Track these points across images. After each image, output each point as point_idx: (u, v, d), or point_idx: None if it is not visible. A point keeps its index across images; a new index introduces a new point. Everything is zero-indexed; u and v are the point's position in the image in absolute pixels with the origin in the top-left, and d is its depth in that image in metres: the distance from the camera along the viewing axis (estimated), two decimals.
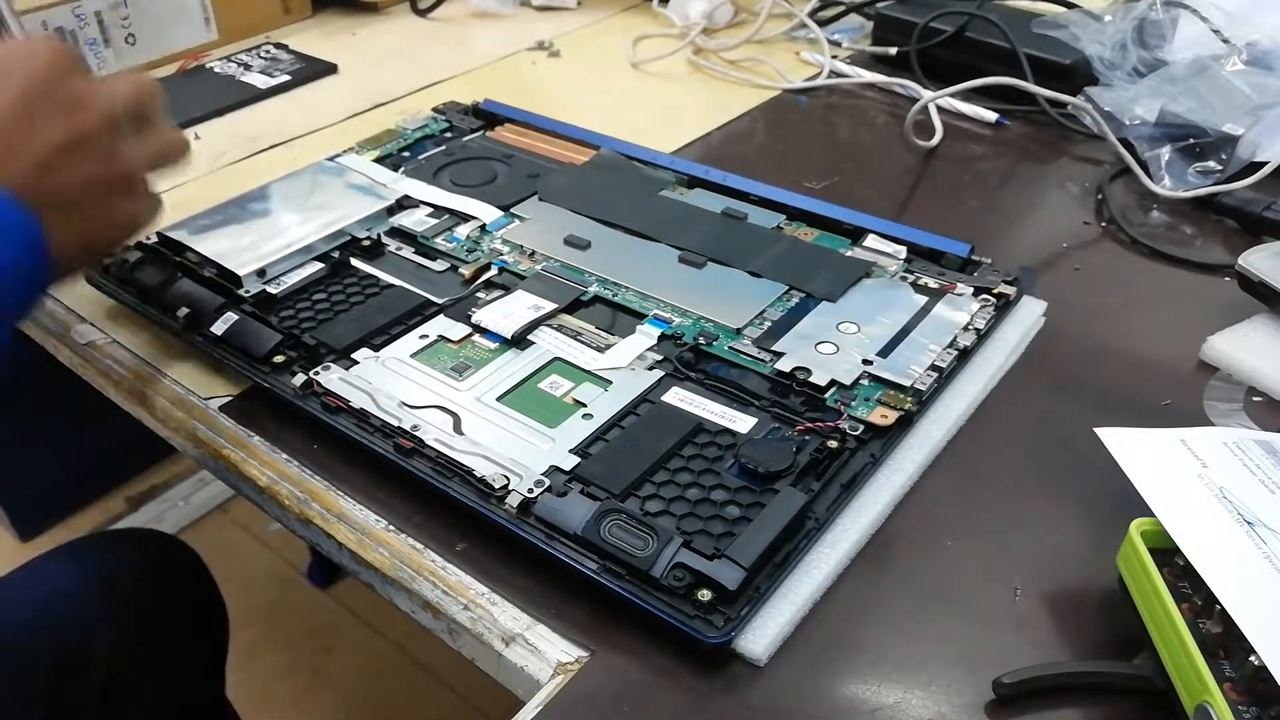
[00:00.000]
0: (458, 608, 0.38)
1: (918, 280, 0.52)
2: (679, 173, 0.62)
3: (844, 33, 0.87)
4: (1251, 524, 0.35)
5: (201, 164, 0.69)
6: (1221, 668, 0.32)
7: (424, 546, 0.40)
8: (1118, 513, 0.37)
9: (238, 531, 1.38)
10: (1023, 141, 0.71)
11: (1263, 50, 0.69)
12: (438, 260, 0.55)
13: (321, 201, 0.58)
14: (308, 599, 1.31)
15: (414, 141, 0.66)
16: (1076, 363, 0.50)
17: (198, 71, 0.82)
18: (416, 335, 0.49)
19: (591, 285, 0.52)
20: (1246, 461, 0.38)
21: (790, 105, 0.77)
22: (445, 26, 0.93)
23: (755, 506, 0.39)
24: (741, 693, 0.35)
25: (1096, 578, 0.39)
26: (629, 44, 0.86)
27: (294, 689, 1.21)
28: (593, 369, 0.47)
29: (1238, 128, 0.64)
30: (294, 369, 0.46)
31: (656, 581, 0.36)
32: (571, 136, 0.67)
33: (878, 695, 0.35)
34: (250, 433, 0.46)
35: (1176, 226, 0.62)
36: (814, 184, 0.66)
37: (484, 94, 0.72)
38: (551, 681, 0.36)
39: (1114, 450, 0.38)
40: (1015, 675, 0.34)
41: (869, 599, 0.38)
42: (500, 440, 0.43)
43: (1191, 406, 0.47)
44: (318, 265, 0.54)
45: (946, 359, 0.47)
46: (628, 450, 0.42)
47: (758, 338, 0.48)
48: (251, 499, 0.46)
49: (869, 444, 0.43)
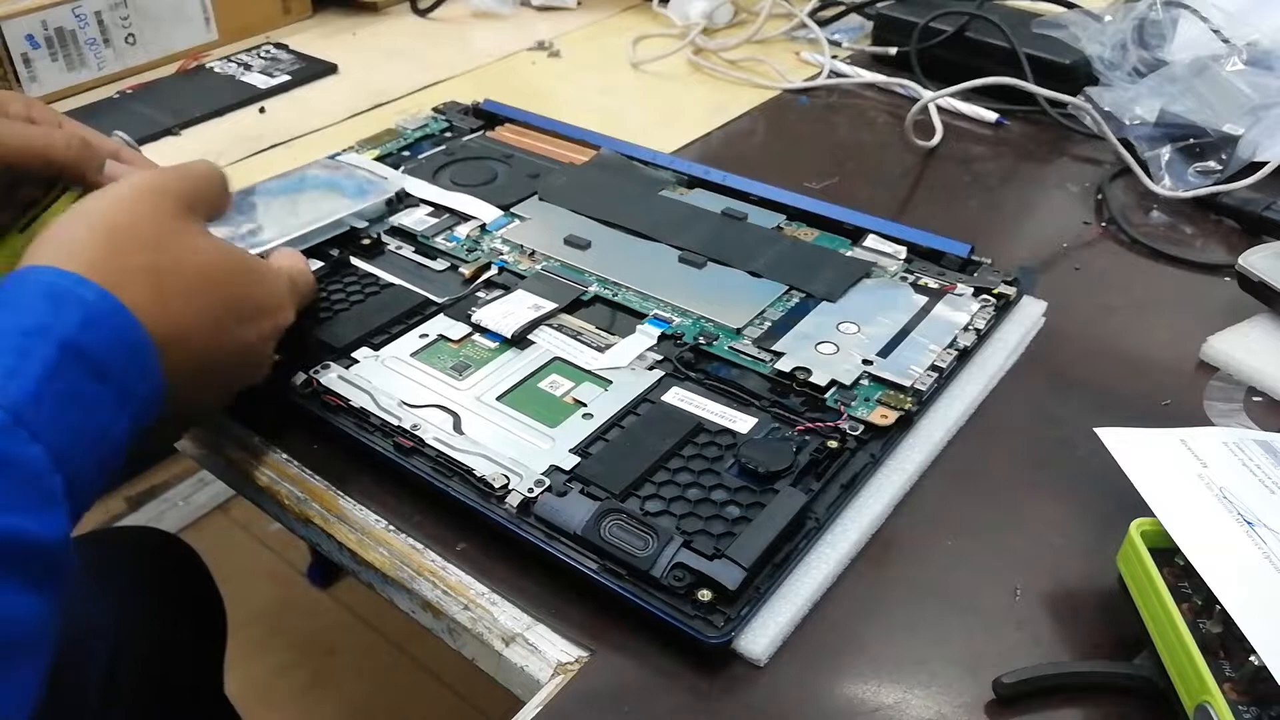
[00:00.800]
0: (458, 608, 0.38)
1: (918, 280, 0.52)
2: (679, 173, 0.62)
3: (844, 33, 0.87)
4: (1251, 524, 0.35)
5: None
6: (1221, 668, 0.32)
7: (424, 546, 0.40)
8: (1118, 513, 0.37)
9: (238, 531, 1.38)
10: (1023, 141, 0.71)
11: (1263, 50, 0.69)
12: (438, 259, 0.55)
13: (320, 196, 0.58)
14: (308, 599, 1.31)
15: (414, 141, 0.66)
16: (1076, 363, 0.50)
17: (198, 71, 0.82)
18: (416, 334, 0.49)
19: (591, 285, 0.52)
20: (1246, 461, 0.38)
21: (790, 105, 0.77)
22: (445, 26, 0.93)
23: (755, 506, 0.39)
24: (741, 693, 0.35)
25: (1096, 578, 0.39)
26: (629, 44, 0.86)
27: (294, 689, 1.21)
28: (593, 369, 0.47)
29: (1238, 128, 0.64)
30: (294, 368, 0.46)
31: (656, 581, 0.36)
32: (571, 136, 0.67)
33: (878, 695, 0.35)
34: (250, 432, 0.46)
35: (1176, 226, 0.62)
36: (814, 184, 0.66)
37: (484, 94, 0.72)
38: (551, 681, 0.36)
39: (1114, 450, 0.38)
40: (1015, 675, 0.34)
41: (869, 599, 0.38)
42: (500, 440, 0.43)
43: (1191, 406, 0.47)
44: (318, 264, 0.54)
45: (946, 359, 0.47)
46: (628, 450, 0.42)
47: (758, 338, 0.48)
48: (251, 499, 0.46)
49: (869, 444, 0.43)
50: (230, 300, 0.40)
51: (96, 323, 0.34)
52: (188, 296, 0.38)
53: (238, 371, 0.42)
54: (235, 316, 0.40)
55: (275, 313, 0.43)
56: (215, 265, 0.40)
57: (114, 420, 0.34)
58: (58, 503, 0.31)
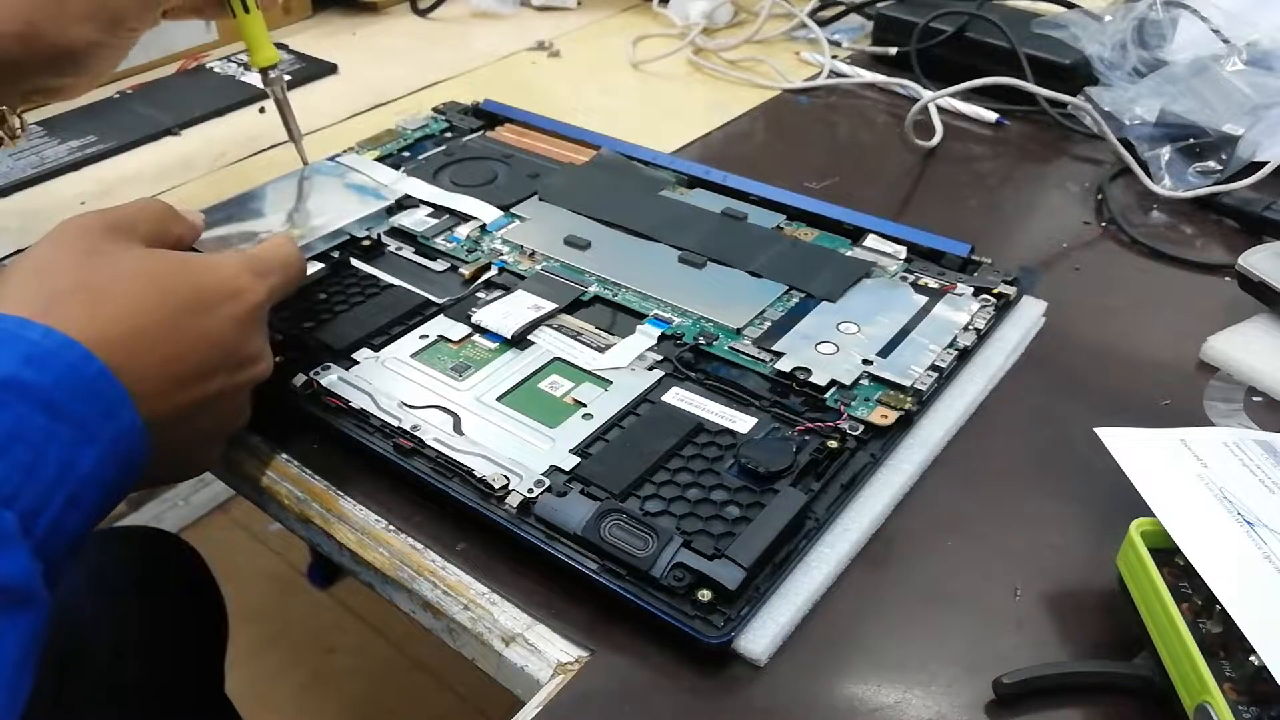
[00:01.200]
0: (458, 608, 0.38)
1: (918, 280, 0.52)
2: (679, 173, 0.62)
3: (844, 33, 0.87)
4: (1251, 524, 0.35)
5: (201, 164, 0.69)
6: (1221, 668, 0.32)
7: (424, 546, 0.40)
8: (1118, 513, 0.37)
9: (238, 531, 1.38)
10: (1023, 141, 0.71)
11: (1263, 50, 0.69)
12: (438, 260, 0.55)
13: (321, 202, 0.58)
14: (308, 599, 1.31)
15: (414, 141, 0.66)
16: (1076, 363, 0.50)
17: (198, 71, 0.82)
18: (416, 335, 0.49)
19: (591, 285, 0.52)
20: (1246, 461, 0.38)
21: (790, 105, 0.77)
22: (445, 26, 0.93)
23: (755, 506, 0.39)
24: (741, 693, 0.35)
25: (1096, 578, 0.39)
26: (629, 44, 0.86)
27: (294, 689, 1.21)
28: (593, 369, 0.47)
29: (1238, 128, 0.64)
30: (294, 369, 0.46)
31: (656, 581, 0.36)
32: (571, 136, 0.67)
33: (878, 695, 0.35)
34: (250, 432, 0.46)
35: (1176, 226, 0.62)
36: (814, 184, 0.66)
37: (484, 94, 0.72)
38: (551, 681, 0.36)
39: (1114, 450, 0.38)
40: (1015, 675, 0.34)
41: (869, 599, 0.38)
42: (500, 440, 0.43)
43: (1191, 406, 0.47)
44: (318, 265, 0.54)
45: (946, 359, 0.47)
46: (628, 450, 0.42)
47: (758, 338, 0.48)
48: (251, 499, 0.46)
49: (869, 444, 0.43)
50: (179, 299, 0.38)
51: (41, 359, 0.33)
52: (130, 306, 0.36)
53: (224, 368, 0.39)
54: (191, 311, 0.38)
55: (239, 295, 0.40)
56: (152, 271, 0.38)
57: (74, 454, 0.32)
58: (13, 540, 0.30)
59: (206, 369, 0.39)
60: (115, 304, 0.36)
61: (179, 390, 0.37)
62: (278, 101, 0.60)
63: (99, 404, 0.34)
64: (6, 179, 0.66)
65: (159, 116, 0.74)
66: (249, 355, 0.41)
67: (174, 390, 0.37)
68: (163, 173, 0.68)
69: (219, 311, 0.39)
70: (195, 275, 0.39)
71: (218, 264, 0.41)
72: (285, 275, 0.44)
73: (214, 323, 0.39)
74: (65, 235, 0.39)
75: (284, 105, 0.60)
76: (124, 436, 0.34)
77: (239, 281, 0.41)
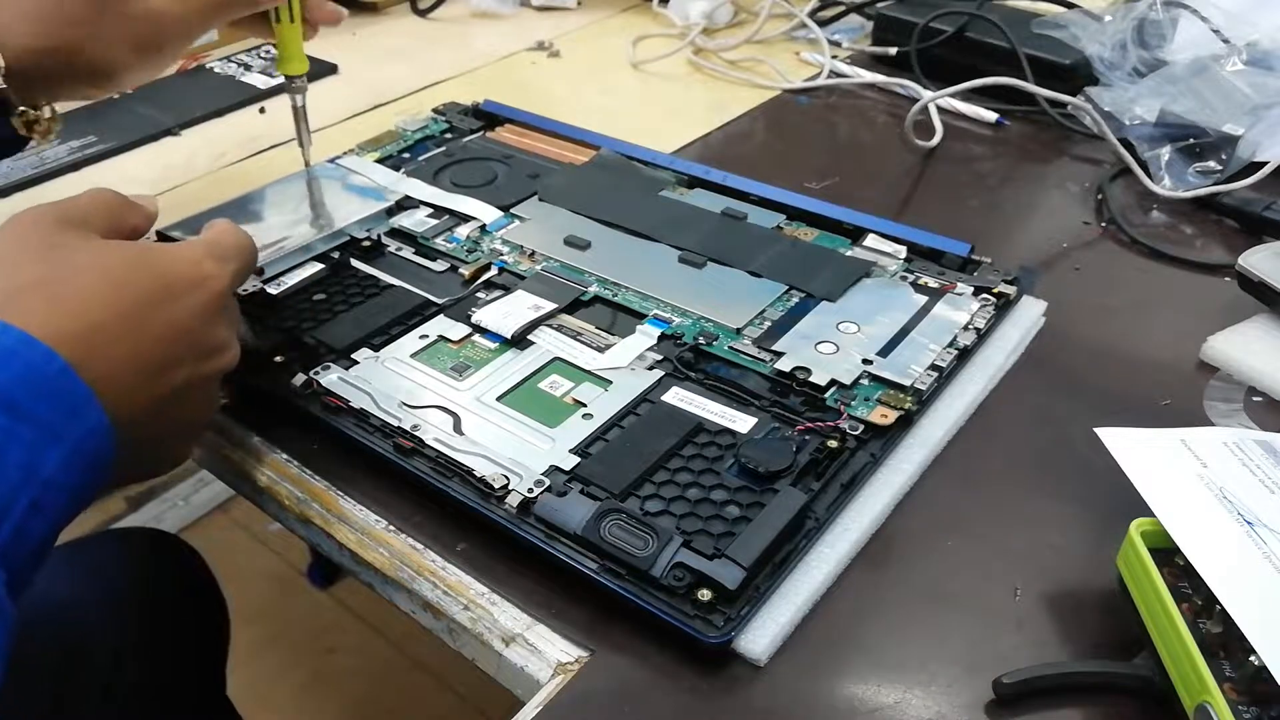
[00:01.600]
0: (458, 608, 0.38)
1: (918, 280, 0.52)
2: (679, 173, 0.62)
3: (844, 33, 0.87)
4: (1251, 524, 0.35)
5: (201, 164, 0.69)
6: (1221, 668, 0.32)
7: (424, 546, 0.40)
8: (1118, 513, 0.37)
9: (238, 531, 1.38)
10: (1023, 141, 0.71)
11: (1263, 50, 0.69)
12: (438, 260, 0.55)
13: (321, 203, 0.58)
14: (308, 599, 1.31)
15: (414, 142, 0.66)
16: (1076, 363, 0.50)
17: (198, 71, 0.82)
18: (416, 335, 0.49)
19: (591, 285, 0.52)
20: (1246, 461, 0.38)
21: (790, 105, 0.77)
22: (445, 26, 0.93)
23: (755, 506, 0.39)
24: (741, 693, 0.35)
25: (1096, 578, 0.39)
26: (629, 44, 0.86)
27: (294, 689, 1.21)
28: (593, 369, 0.47)
29: (1238, 128, 0.64)
30: (294, 369, 0.46)
31: (656, 581, 0.36)
32: (571, 136, 0.67)
33: (878, 695, 0.35)
34: (250, 432, 0.46)
35: (1176, 226, 0.62)
36: (814, 184, 0.66)
37: (484, 94, 0.72)
38: (551, 681, 0.36)
39: (1114, 450, 0.38)
40: (1015, 675, 0.34)
41: (869, 599, 0.38)
42: (500, 440, 0.43)
43: (1191, 406, 0.47)
44: (318, 265, 0.54)
45: (946, 359, 0.47)
46: (628, 450, 0.42)
47: (758, 337, 0.48)
48: (251, 499, 0.46)
49: (869, 444, 0.43)
50: (141, 290, 0.37)
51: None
52: (90, 300, 0.35)
53: (191, 359, 0.38)
54: (154, 303, 0.37)
55: (202, 283, 0.39)
56: (111, 262, 0.37)
57: (37, 456, 0.31)
58: None
59: (172, 361, 0.37)
60: (74, 299, 0.35)
61: (145, 384, 0.36)
62: (295, 109, 0.60)
63: (62, 403, 0.33)
64: (6, 179, 0.66)
65: (159, 117, 0.74)
66: (215, 344, 0.40)
67: (140, 385, 0.36)
68: (163, 173, 0.68)
69: (183, 301, 0.38)
70: (156, 265, 0.38)
71: (178, 252, 0.40)
72: (243, 260, 0.43)
73: (178, 313, 0.38)
74: (17, 230, 0.37)
75: (300, 114, 0.60)
76: (90, 436, 0.33)
77: (202, 269, 0.39)
